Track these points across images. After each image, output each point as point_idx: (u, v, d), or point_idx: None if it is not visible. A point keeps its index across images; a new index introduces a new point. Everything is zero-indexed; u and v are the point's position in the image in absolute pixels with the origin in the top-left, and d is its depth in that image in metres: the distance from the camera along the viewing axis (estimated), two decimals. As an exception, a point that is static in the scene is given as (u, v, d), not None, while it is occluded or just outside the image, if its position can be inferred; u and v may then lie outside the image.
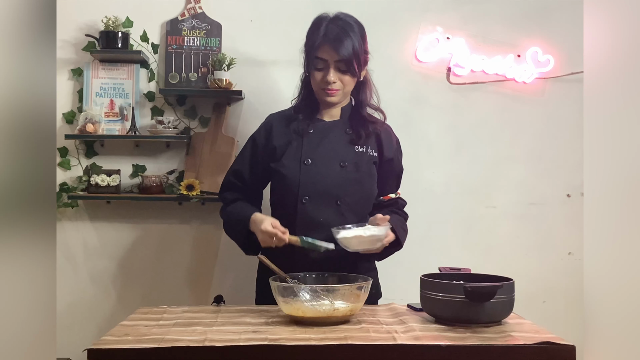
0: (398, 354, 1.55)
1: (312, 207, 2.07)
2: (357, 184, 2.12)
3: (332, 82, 2.07)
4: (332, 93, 2.10)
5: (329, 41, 2.05)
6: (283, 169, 2.11)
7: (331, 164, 2.11)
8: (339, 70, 2.07)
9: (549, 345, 1.57)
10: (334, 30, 2.06)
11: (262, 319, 1.82)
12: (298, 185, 2.08)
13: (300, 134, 2.14)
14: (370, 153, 2.16)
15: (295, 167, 2.10)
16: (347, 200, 2.09)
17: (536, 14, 2.86)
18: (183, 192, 2.66)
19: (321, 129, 2.16)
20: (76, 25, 2.76)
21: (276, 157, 2.14)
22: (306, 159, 2.11)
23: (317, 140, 2.14)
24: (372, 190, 2.17)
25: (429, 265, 2.08)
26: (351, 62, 2.06)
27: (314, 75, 2.10)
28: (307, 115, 2.17)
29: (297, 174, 2.09)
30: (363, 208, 2.15)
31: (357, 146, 2.14)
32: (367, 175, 2.14)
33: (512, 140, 2.89)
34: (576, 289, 2.83)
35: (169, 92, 2.74)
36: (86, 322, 2.76)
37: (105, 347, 1.54)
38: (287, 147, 2.14)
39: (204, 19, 2.78)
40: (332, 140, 2.14)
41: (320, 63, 2.08)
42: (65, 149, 2.77)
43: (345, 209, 2.09)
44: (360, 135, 2.15)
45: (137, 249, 2.81)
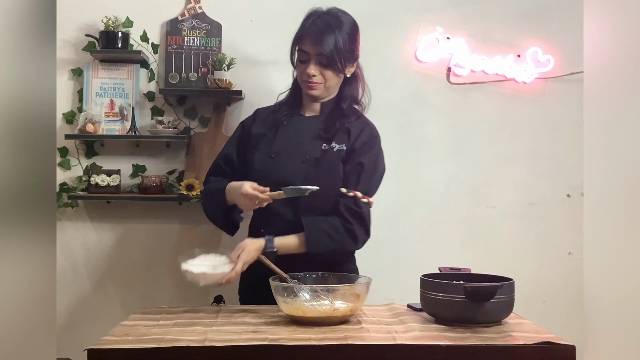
0: (398, 354, 1.55)
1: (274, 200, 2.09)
2: (315, 181, 2.05)
3: (312, 75, 2.09)
4: (313, 86, 2.11)
5: (311, 34, 2.08)
6: (254, 161, 2.15)
7: (294, 159, 2.12)
8: (320, 64, 2.09)
9: (549, 345, 1.57)
10: (318, 24, 2.08)
11: (262, 319, 1.82)
12: (263, 178, 2.09)
13: (276, 126, 2.18)
14: (337, 148, 2.12)
15: (264, 159, 2.14)
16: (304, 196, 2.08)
17: (536, 14, 2.86)
18: (183, 192, 2.66)
19: (295, 123, 2.18)
20: (76, 25, 2.76)
21: (251, 147, 2.18)
22: (274, 152, 2.14)
23: (289, 135, 2.16)
24: (335, 188, 2.10)
25: (429, 265, 2.08)
26: (332, 58, 2.06)
27: (298, 67, 2.14)
28: (290, 108, 2.20)
29: (264, 166, 2.13)
30: (320, 204, 2.09)
31: (324, 143, 2.13)
32: (327, 172, 2.10)
33: (512, 140, 2.89)
34: (576, 289, 2.83)
35: (169, 92, 2.74)
36: (86, 322, 2.76)
37: (105, 347, 1.54)
38: (262, 139, 2.18)
39: (204, 19, 2.78)
40: (302, 135, 2.15)
41: (303, 55, 2.11)
42: (65, 149, 2.77)
43: (302, 204, 2.08)
44: (329, 130, 2.13)
45: (137, 249, 2.81)
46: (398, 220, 2.86)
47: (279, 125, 2.18)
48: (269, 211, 2.09)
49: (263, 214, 2.11)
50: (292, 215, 2.09)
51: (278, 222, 2.10)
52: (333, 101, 2.19)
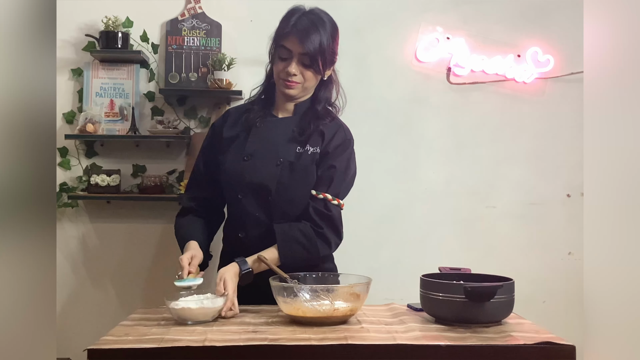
0: (398, 354, 1.55)
1: (247, 202, 2.08)
2: (289, 183, 2.06)
3: (293, 74, 2.04)
4: (291, 85, 2.07)
5: (297, 32, 2.02)
6: (225, 164, 2.11)
7: (268, 161, 2.08)
8: (302, 63, 2.04)
9: (549, 345, 1.57)
10: (303, 23, 2.04)
11: (262, 319, 1.82)
12: (237, 181, 2.08)
13: (248, 128, 2.13)
14: (311, 151, 2.09)
15: (237, 161, 2.10)
16: (277, 199, 2.06)
17: (536, 14, 2.87)
18: (183, 192, 2.66)
19: (269, 125, 2.13)
20: (76, 25, 2.76)
21: (222, 150, 2.14)
22: (247, 154, 2.09)
23: (262, 136, 2.11)
24: (308, 192, 2.08)
25: (429, 265, 2.08)
26: (315, 58, 2.03)
27: (276, 64, 2.08)
28: (262, 108, 2.15)
29: (237, 168, 2.09)
30: (294, 208, 2.08)
31: (298, 146, 2.09)
32: (301, 176, 2.07)
33: (512, 140, 2.89)
34: (576, 289, 2.83)
35: (169, 92, 2.74)
36: (86, 322, 2.76)
37: (105, 347, 1.54)
38: (234, 141, 2.13)
39: (204, 19, 2.78)
40: (276, 137, 2.11)
41: (284, 53, 2.05)
42: (65, 149, 2.77)
43: (276, 207, 2.06)
44: (303, 132, 2.09)
45: (137, 249, 2.81)
46: (398, 220, 2.86)
47: (252, 126, 2.13)
48: (246, 215, 2.08)
49: (239, 219, 2.10)
50: (267, 219, 2.06)
51: (255, 226, 2.07)
52: (307, 102, 2.15)
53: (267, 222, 2.06)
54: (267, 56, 2.78)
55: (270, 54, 2.14)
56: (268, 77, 2.20)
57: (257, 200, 2.07)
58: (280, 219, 2.05)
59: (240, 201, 2.08)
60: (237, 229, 2.11)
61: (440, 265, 2.00)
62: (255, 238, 2.06)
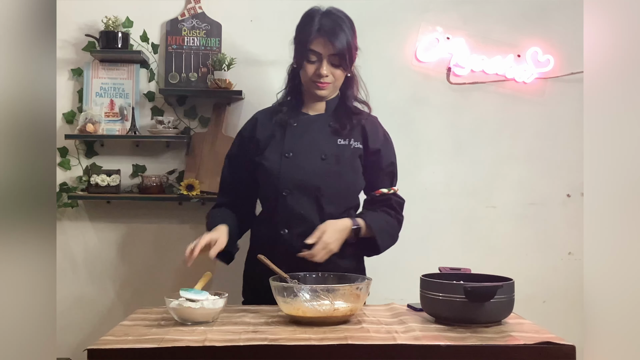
0: (398, 354, 1.55)
1: (292, 200, 2.09)
2: (338, 177, 2.11)
3: (325, 75, 2.08)
4: (323, 86, 2.11)
5: (325, 34, 2.06)
6: (265, 162, 2.13)
7: (312, 157, 2.11)
8: (331, 64, 2.08)
9: (549, 345, 1.57)
10: (328, 24, 2.08)
11: (262, 319, 1.82)
12: (278, 178, 2.09)
13: (283, 127, 2.16)
14: (355, 145, 2.15)
15: (277, 159, 2.12)
16: (327, 193, 2.09)
17: (536, 14, 2.86)
18: (183, 192, 2.66)
19: (304, 122, 2.17)
20: (76, 25, 2.76)
21: (259, 151, 2.16)
22: (287, 151, 2.12)
23: (299, 133, 2.14)
24: (356, 184, 2.17)
25: (429, 265, 2.08)
26: (344, 56, 2.07)
27: (306, 68, 2.10)
28: (292, 109, 2.19)
29: (278, 166, 2.11)
30: (345, 201, 2.15)
31: (339, 139, 2.14)
32: (348, 168, 2.13)
33: (512, 140, 2.89)
34: (576, 289, 2.83)
35: (169, 92, 2.74)
36: (86, 322, 2.76)
37: (105, 347, 1.54)
38: (271, 140, 2.15)
39: (204, 19, 2.78)
40: (315, 133, 2.15)
41: (313, 56, 2.08)
42: (65, 149, 2.77)
43: (326, 201, 2.10)
44: (344, 126, 2.14)
45: (137, 249, 2.81)
46: (398, 220, 2.86)
47: (287, 125, 2.16)
48: (290, 212, 2.09)
49: (282, 216, 2.10)
50: (312, 215, 2.09)
51: (299, 222, 2.08)
52: (336, 99, 2.20)
53: (311, 218, 2.08)
54: (267, 56, 2.81)
55: (295, 58, 2.17)
56: (291, 79, 2.23)
57: (303, 196, 2.09)
58: (327, 213, 2.09)
59: (285, 198, 2.09)
60: (278, 226, 2.11)
61: (440, 265, 2.00)
62: (297, 235, 2.07)
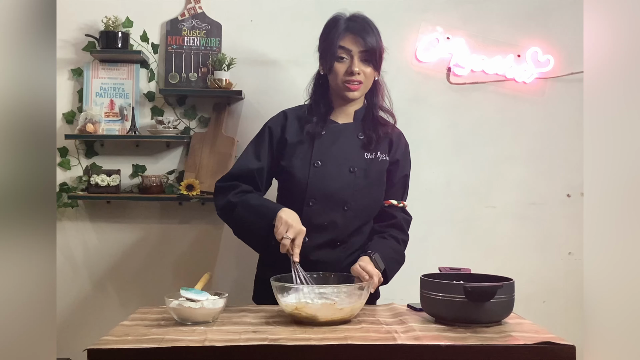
0: (398, 354, 1.55)
1: (318, 210, 2.07)
2: (365, 191, 2.10)
3: (357, 72, 2.05)
4: (355, 87, 2.07)
5: (355, 31, 2.05)
6: (293, 169, 2.09)
7: (341, 168, 2.09)
8: (363, 60, 2.06)
9: (549, 345, 1.57)
10: (356, 24, 2.07)
11: (262, 319, 1.82)
12: (306, 187, 2.07)
13: (312, 135, 2.11)
14: (382, 158, 2.14)
15: (305, 168, 2.08)
16: (354, 206, 2.09)
17: (536, 14, 2.86)
18: (183, 192, 2.66)
19: (333, 131, 2.13)
20: (76, 25, 2.76)
21: (286, 154, 2.12)
22: (316, 161, 2.09)
23: (328, 143, 2.11)
24: (381, 198, 2.17)
25: (429, 265, 2.08)
26: (374, 52, 2.06)
27: (336, 69, 2.06)
28: (321, 117, 2.13)
29: (306, 175, 2.08)
30: (369, 214, 2.16)
31: (367, 153, 2.12)
32: (375, 182, 2.13)
33: (512, 140, 2.89)
34: (576, 289, 2.83)
35: (169, 92, 2.74)
36: (86, 322, 2.76)
37: (105, 347, 1.54)
38: (298, 147, 2.11)
39: (204, 19, 2.78)
40: (344, 143, 2.12)
41: (343, 53, 2.06)
42: (65, 149, 2.77)
43: (351, 214, 2.09)
44: (372, 140, 2.12)
45: (137, 249, 2.81)
46: (398, 220, 2.86)
47: (316, 133, 2.10)
48: (314, 222, 2.02)
49: (306, 225, 1.96)
50: (335, 226, 2.07)
51: (320, 233, 2.05)
52: (363, 108, 2.17)
53: (333, 229, 2.07)
54: (267, 56, 2.80)
55: (322, 64, 2.12)
56: (319, 85, 2.18)
57: (328, 208, 2.07)
58: (349, 225, 2.08)
59: (311, 208, 2.06)
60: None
61: (440, 265, 2.00)
62: (316, 245, 2.05)
